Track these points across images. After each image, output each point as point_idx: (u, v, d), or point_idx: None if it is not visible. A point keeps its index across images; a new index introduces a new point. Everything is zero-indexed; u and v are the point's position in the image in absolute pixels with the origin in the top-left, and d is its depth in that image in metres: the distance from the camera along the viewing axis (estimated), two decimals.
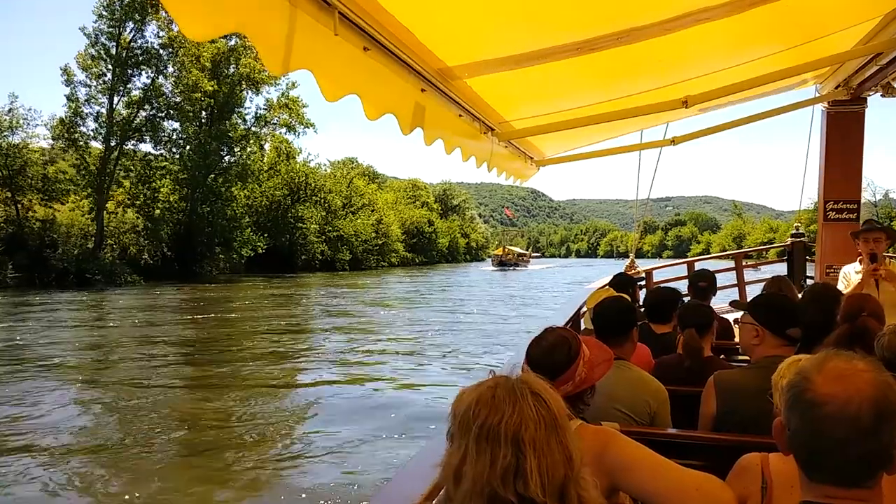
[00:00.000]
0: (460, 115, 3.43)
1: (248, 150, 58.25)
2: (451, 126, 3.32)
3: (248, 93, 57.05)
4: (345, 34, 1.97)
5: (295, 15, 1.71)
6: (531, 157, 5.37)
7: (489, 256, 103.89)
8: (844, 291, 4.42)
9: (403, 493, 1.84)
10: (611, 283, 5.29)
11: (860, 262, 4.94)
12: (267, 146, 64.79)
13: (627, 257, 8.42)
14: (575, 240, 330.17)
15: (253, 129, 58.65)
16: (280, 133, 63.74)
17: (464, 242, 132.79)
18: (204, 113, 55.29)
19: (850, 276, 5.13)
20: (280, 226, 66.70)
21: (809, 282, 7.69)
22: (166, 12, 1.37)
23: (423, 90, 2.75)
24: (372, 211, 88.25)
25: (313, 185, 73.27)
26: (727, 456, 1.93)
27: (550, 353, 1.98)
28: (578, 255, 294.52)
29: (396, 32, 2.30)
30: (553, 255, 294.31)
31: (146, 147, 51.14)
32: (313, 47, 1.84)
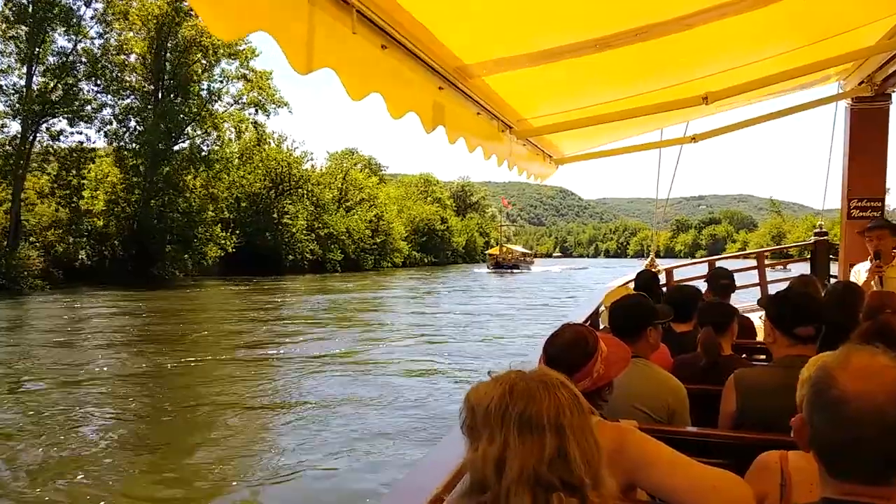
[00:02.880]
0: (478, 114, 3.43)
1: (206, 131, 50.34)
2: (469, 124, 3.33)
3: (206, 63, 49.12)
4: (362, 32, 1.99)
5: (313, 14, 1.74)
6: (550, 156, 5.37)
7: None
8: None
9: (420, 487, 1.85)
10: (635, 281, 5.28)
11: (870, 259, 4.96)
12: (228, 126, 54.80)
13: (658, 256, 8.38)
14: (604, 239, 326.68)
15: (209, 105, 49.97)
16: (247, 113, 55.65)
17: (482, 242, 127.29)
18: (152, 87, 47.94)
19: (860, 274, 5.15)
20: (262, 222, 60.53)
21: (833, 281, 7.61)
22: (195, 13, 1.41)
23: (440, 88, 2.77)
24: (372, 206, 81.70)
25: (298, 175, 65.91)
26: (747, 454, 1.92)
27: (568, 349, 1.98)
28: (607, 254, 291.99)
29: (413, 30, 2.32)
30: (581, 255, 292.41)
31: (80, 126, 43.18)
32: (333, 46, 1.86)
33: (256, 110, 55.15)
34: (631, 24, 2.94)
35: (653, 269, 7.54)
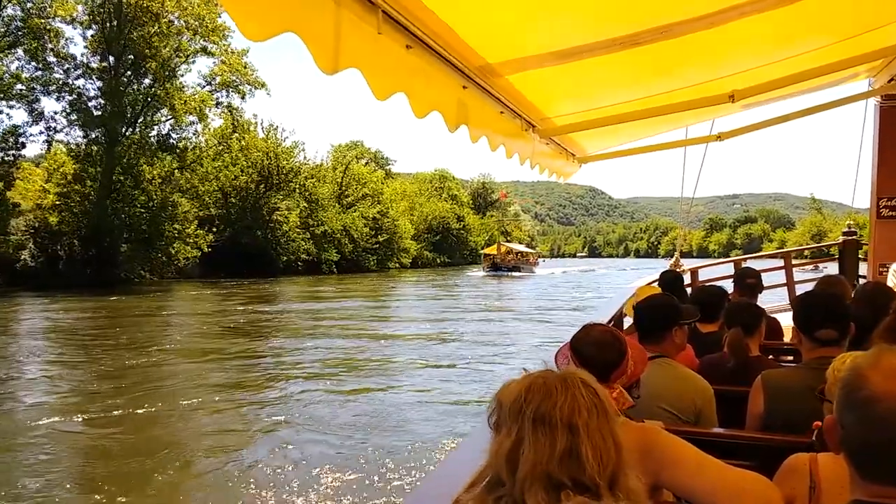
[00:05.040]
0: (501, 112, 3.43)
1: (173, 116, 44.26)
2: (492, 123, 3.34)
3: (163, 36, 42.05)
4: (388, 32, 2.01)
5: (340, 14, 1.76)
6: (573, 154, 5.34)
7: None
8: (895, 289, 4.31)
9: (442, 488, 1.86)
10: (659, 281, 5.25)
11: None
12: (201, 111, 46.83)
13: (690, 256, 8.30)
14: (634, 238, 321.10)
15: (168, 84, 43.19)
16: (218, 96, 48.17)
17: (503, 241, 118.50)
18: (105, 63, 41.52)
19: None
20: (249, 219, 54.84)
21: (862, 281, 7.50)
22: (227, 13, 1.43)
23: (464, 87, 2.77)
24: (376, 202, 75.38)
25: (287, 168, 59.26)
26: (775, 456, 1.90)
27: (604, 348, 1.97)
28: (637, 254, 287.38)
29: (438, 30, 2.33)
30: (611, 255, 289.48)
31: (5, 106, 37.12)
32: (359, 46, 1.88)
33: (228, 92, 48.23)
34: (655, 21, 2.92)
35: (677, 270, 7.49)
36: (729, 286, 5.64)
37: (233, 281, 44.69)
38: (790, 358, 3.88)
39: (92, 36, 41.84)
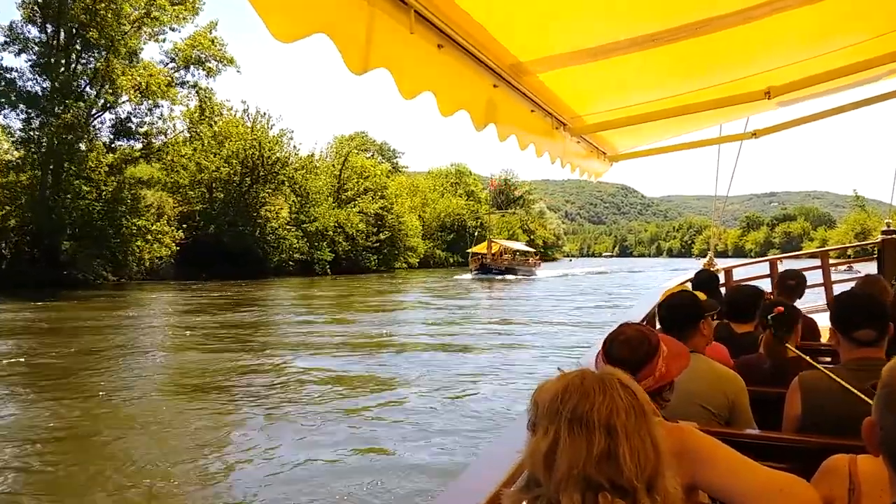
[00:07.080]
0: (532, 111, 3.42)
1: (131, 97, 38.88)
2: (523, 122, 3.33)
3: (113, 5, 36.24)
4: (420, 32, 2.01)
5: (373, 14, 1.76)
6: (604, 153, 5.30)
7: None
8: None
9: (480, 480, 1.86)
10: (693, 281, 5.20)
11: None
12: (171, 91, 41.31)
13: (726, 255, 8.18)
14: (666, 237, 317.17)
15: (113, 58, 37.41)
16: (180, 74, 42.78)
17: (525, 239, 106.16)
18: (38, 32, 36.29)
19: None
20: (232, 215, 50.33)
21: None
22: (256, 13, 1.44)
23: (495, 86, 2.77)
24: (379, 197, 69.57)
25: (273, 158, 53.48)
26: (813, 458, 1.87)
27: (632, 347, 1.96)
28: (670, 253, 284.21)
29: (470, 29, 2.32)
30: (642, 254, 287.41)
31: None
32: (390, 46, 1.88)
33: (191, 68, 42.72)
34: (689, 17, 2.88)
35: (711, 269, 7.39)
36: (764, 286, 5.55)
37: (210, 283, 39.75)
38: (828, 359, 3.81)
39: (25, 2, 36.53)
